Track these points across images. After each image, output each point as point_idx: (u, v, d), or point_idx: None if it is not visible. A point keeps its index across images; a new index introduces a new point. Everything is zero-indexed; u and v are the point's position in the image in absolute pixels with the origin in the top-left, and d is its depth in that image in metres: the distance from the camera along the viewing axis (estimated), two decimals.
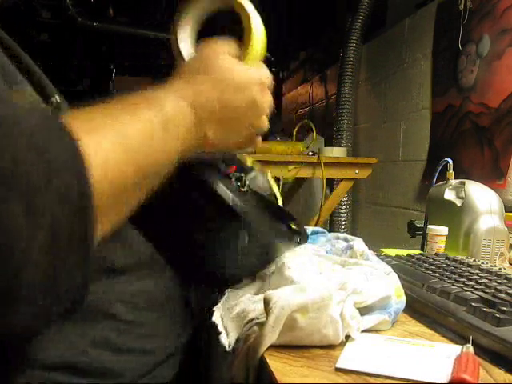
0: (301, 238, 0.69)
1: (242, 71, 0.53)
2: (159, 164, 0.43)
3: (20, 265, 0.29)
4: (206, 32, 0.58)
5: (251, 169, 0.69)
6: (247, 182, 0.64)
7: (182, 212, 0.59)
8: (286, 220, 0.68)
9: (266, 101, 0.55)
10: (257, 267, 0.64)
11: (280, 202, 0.76)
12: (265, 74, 0.55)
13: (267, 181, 0.73)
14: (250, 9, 0.55)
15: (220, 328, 0.53)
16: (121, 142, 0.38)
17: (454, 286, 0.66)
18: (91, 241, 0.33)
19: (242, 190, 0.62)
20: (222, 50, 0.53)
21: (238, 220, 0.57)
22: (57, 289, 0.32)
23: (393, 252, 1.01)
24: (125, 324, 0.47)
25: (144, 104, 0.44)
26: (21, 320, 0.31)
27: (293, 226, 0.67)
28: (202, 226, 0.59)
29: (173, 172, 0.47)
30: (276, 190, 0.76)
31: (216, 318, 0.55)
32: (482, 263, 0.80)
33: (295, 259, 0.66)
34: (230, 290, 0.62)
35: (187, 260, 0.59)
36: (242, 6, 0.54)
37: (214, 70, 0.51)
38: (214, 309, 0.57)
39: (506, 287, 0.63)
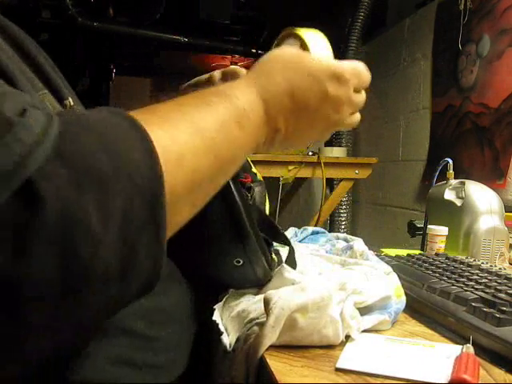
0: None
1: (312, 61, 0.52)
2: (233, 158, 0.43)
3: (93, 248, 0.28)
4: None
5: (259, 182, 0.69)
6: (254, 195, 0.63)
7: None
8: (271, 246, 0.67)
9: (345, 94, 0.52)
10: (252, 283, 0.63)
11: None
12: (343, 67, 0.53)
13: (265, 195, 0.73)
14: (310, 37, 0.56)
15: (221, 328, 0.53)
16: (195, 134, 0.38)
17: (454, 286, 0.66)
18: (163, 230, 0.33)
19: (249, 202, 0.62)
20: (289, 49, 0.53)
21: (255, 259, 0.57)
22: (129, 275, 0.31)
23: (393, 252, 1.01)
24: (142, 339, 0.47)
25: (216, 97, 0.43)
26: (91, 311, 0.31)
27: (273, 256, 0.65)
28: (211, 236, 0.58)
29: None
30: (267, 205, 0.76)
31: (216, 317, 0.55)
32: (482, 263, 0.80)
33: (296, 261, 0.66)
34: (230, 289, 0.62)
35: (193, 269, 0.59)
36: (300, 36, 0.56)
37: (283, 59, 0.50)
38: (215, 307, 0.57)
39: (506, 287, 0.63)
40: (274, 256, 0.64)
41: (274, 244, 0.68)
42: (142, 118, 0.34)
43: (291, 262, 0.66)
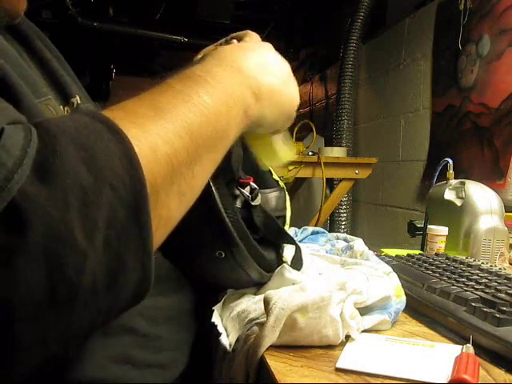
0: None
1: (272, 52, 0.53)
2: (212, 134, 0.41)
3: (79, 265, 0.28)
4: None
5: (277, 186, 0.69)
6: (258, 196, 0.63)
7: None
8: (278, 248, 0.65)
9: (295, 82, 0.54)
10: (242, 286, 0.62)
11: (287, 227, 0.75)
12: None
13: (284, 201, 0.73)
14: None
15: (220, 329, 0.53)
16: (162, 118, 0.36)
17: (454, 286, 0.66)
18: (149, 236, 0.32)
19: (252, 203, 0.61)
20: None
21: (236, 250, 0.55)
22: (117, 285, 0.31)
23: (393, 252, 1.01)
24: (144, 338, 0.47)
25: (186, 80, 0.41)
26: (81, 325, 0.30)
27: (284, 259, 0.64)
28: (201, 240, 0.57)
29: None
30: (289, 213, 0.76)
31: (215, 319, 0.55)
32: (482, 263, 0.80)
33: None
34: (230, 289, 0.62)
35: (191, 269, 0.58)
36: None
37: (248, 48, 0.51)
38: (214, 308, 0.57)
39: (506, 287, 0.63)
40: (284, 257, 0.63)
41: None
42: (115, 117, 0.33)
43: (297, 261, 0.65)
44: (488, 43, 1.69)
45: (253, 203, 0.61)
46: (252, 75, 0.47)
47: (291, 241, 0.67)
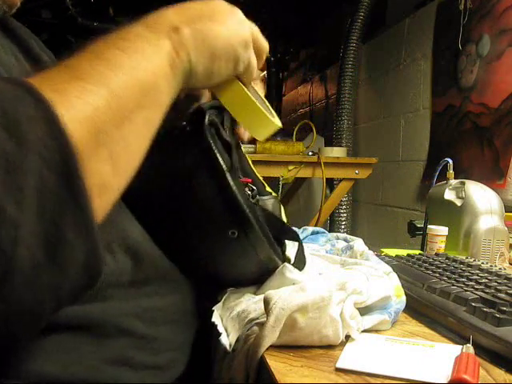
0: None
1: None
2: (133, 84, 0.38)
3: (11, 235, 0.27)
4: None
5: (268, 193, 0.68)
6: (257, 197, 0.62)
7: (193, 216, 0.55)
8: (281, 245, 0.64)
9: (247, 33, 0.49)
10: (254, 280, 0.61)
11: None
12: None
13: (279, 208, 0.73)
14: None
15: (220, 329, 0.53)
16: (70, 72, 0.35)
17: (454, 286, 0.66)
18: (86, 199, 0.31)
19: (252, 200, 0.60)
20: None
21: (250, 229, 0.54)
22: (60, 258, 0.30)
23: (393, 252, 1.01)
24: (141, 339, 0.46)
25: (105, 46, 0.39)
26: (26, 304, 0.29)
27: (286, 255, 0.63)
28: (211, 230, 0.55)
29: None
30: (284, 219, 0.75)
31: (215, 319, 0.55)
32: (482, 263, 0.80)
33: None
34: (230, 289, 0.62)
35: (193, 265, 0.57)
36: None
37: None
38: (214, 308, 0.57)
39: (506, 287, 0.63)
40: (287, 255, 0.62)
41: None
42: (34, 84, 0.32)
43: (300, 258, 0.65)
44: (488, 43, 1.69)
45: (253, 201, 0.61)
46: (169, 24, 0.43)
47: (295, 236, 0.67)
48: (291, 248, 0.66)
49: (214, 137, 0.53)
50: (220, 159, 0.51)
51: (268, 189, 0.76)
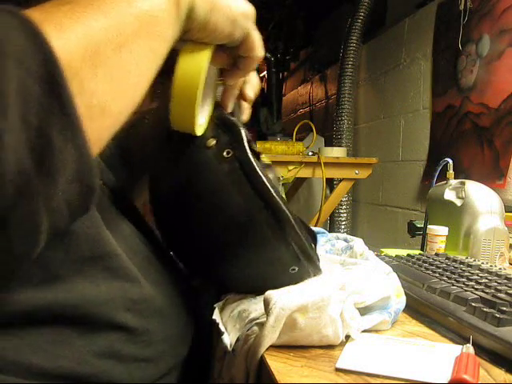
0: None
1: None
2: (144, 27, 0.38)
3: None
4: None
5: (268, 165, 0.66)
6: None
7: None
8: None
9: (251, 10, 0.48)
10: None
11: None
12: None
13: (276, 178, 0.70)
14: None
15: (221, 328, 0.53)
16: (78, 8, 0.34)
17: (454, 286, 0.66)
18: (73, 108, 0.31)
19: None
20: None
21: (310, 262, 0.55)
22: (49, 166, 0.30)
23: (393, 252, 1.01)
24: (130, 332, 0.46)
25: None
26: (15, 211, 0.29)
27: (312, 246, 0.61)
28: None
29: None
30: (281, 188, 0.73)
31: (216, 316, 0.55)
32: (482, 263, 0.80)
33: None
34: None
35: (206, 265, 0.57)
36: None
37: None
38: (215, 306, 0.57)
39: (506, 287, 0.63)
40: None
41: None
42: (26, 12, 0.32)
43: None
44: (488, 43, 1.69)
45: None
46: None
47: (315, 239, 0.66)
48: None
49: (254, 157, 0.52)
50: (274, 194, 0.51)
51: (266, 159, 0.74)
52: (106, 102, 0.35)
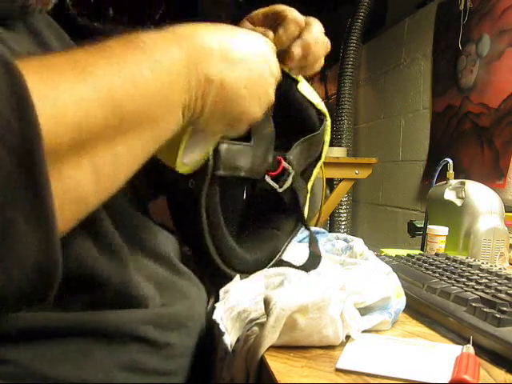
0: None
1: (250, 33, 0.47)
2: (144, 111, 0.35)
3: None
4: None
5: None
6: (285, 185, 0.66)
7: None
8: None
9: (271, 83, 0.48)
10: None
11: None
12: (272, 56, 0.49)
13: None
14: None
15: (222, 328, 0.53)
16: (82, 78, 0.31)
17: (454, 286, 0.66)
18: (47, 191, 0.27)
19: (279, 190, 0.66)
20: None
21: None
22: (2, 255, 0.26)
23: (393, 252, 1.01)
24: (153, 346, 0.46)
25: (122, 43, 0.37)
26: None
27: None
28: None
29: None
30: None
31: (217, 317, 0.55)
32: (482, 263, 0.80)
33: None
34: (230, 289, 0.62)
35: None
36: None
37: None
38: (216, 305, 0.57)
39: (506, 287, 0.63)
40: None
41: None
42: (25, 66, 0.28)
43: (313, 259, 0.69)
44: (488, 43, 1.69)
45: (280, 190, 0.66)
46: (207, 71, 0.40)
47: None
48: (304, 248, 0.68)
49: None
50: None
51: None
52: (83, 190, 0.32)
